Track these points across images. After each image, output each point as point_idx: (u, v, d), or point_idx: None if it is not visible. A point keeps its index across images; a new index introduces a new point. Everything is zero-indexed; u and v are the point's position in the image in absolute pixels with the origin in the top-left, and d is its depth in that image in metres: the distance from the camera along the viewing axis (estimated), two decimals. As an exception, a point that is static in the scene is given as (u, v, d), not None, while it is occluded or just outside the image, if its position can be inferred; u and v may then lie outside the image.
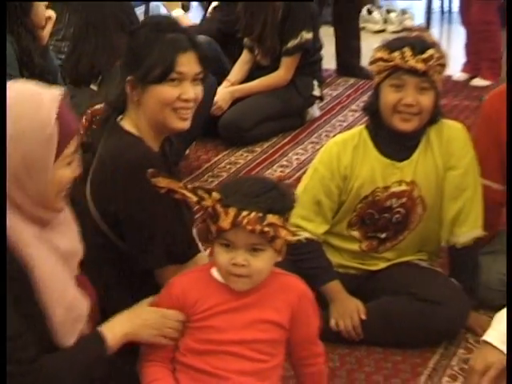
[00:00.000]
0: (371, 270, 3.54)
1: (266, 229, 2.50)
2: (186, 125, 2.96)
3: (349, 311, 3.40)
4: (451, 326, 3.42)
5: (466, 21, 6.17)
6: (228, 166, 4.97)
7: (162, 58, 2.83)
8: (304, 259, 3.41)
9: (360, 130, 3.48)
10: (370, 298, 3.44)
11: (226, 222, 2.49)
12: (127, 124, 2.92)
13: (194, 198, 2.62)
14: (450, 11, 7.76)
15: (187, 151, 4.91)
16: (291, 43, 5.21)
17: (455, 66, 6.26)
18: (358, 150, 3.42)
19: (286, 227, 2.57)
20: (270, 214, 2.51)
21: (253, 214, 2.48)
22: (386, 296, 3.44)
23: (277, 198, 2.56)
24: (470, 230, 3.50)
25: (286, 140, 5.26)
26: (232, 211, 2.49)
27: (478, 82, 5.98)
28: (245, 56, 5.44)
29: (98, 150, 2.96)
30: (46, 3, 4.63)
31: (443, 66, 3.36)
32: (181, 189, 2.70)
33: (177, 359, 2.64)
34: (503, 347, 2.86)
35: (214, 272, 2.61)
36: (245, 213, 2.49)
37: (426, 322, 3.33)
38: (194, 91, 2.90)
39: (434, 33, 7.23)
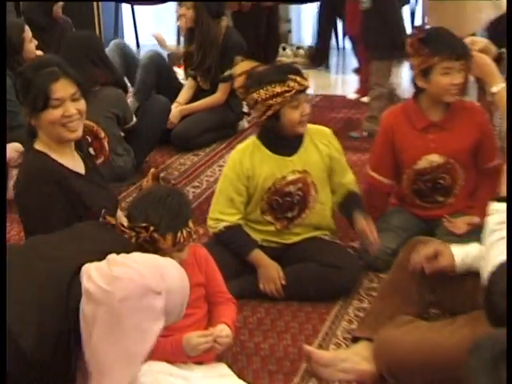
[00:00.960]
0: (287, 243, 3.56)
1: (194, 236, 2.65)
2: (77, 135, 2.96)
3: (272, 277, 3.43)
4: (348, 283, 3.50)
5: (357, 56, 6.21)
6: (179, 167, 5.00)
7: (40, 91, 2.84)
8: (228, 242, 3.47)
9: (252, 140, 3.52)
10: (287, 265, 3.48)
11: (166, 245, 2.55)
12: (38, 144, 2.95)
13: (133, 234, 2.56)
14: (344, 48, 7.71)
15: (148, 157, 5.01)
16: (226, 73, 5.28)
17: (350, 89, 6.47)
18: (254, 154, 3.46)
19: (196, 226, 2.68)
20: (190, 221, 2.63)
21: (184, 232, 2.59)
22: (299, 263, 3.49)
23: (186, 205, 2.67)
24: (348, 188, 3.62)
25: (222, 146, 5.32)
26: (169, 236, 2.56)
27: (367, 99, 5.80)
28: (189, 83, 5.49)
29: None
30: (35, 43, 4.69)
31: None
32: (120, 227, 2.61)
33: None
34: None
35: None
36: (179, 234, 2.57)
37: (329, 281, 3.43)
38: (74, 107, 2.90)
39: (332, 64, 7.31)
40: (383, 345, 2.86)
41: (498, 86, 3.28)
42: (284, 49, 7.68)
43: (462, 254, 2.96)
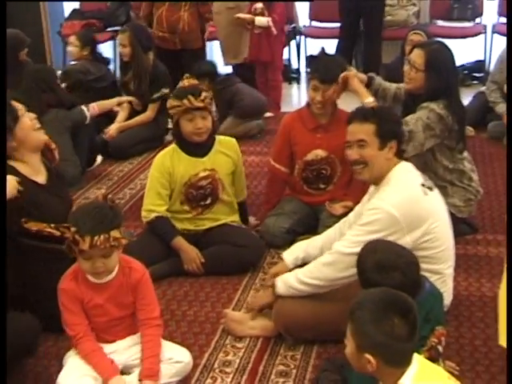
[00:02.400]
0: (203, 229, 3.55)
1: (113, 243, 2.44)
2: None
3: (192, 258, 3.43)
4: (254, 259, 3.52)
5: (258, 81, 6.03)
6: (118, 173, 4.89)
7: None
8: (157, 229, 3.46)
9: (173, 146, 3.52)
10: (205, 248, 3.47)
11: (84, 246, 2.41)
12: (11, 160, 2.91)
13: (58, 233, 2.54)
14: None
15: (92, 167, 4.93)
16: (155, 95, 5.19)
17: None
18: (173, 156, 3.47)
19: (123, 237, 2.49)
20: (112, 231, 2.44)
21: (102, 237, 2.41)
22: (214, 246, 3.48)
23: (113, 218, 2.48)
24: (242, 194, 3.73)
25: (152, 155, 5.09)
26: (87, 238, 2.40)
27: (267, 114, 5.78)
28: (125, 106, 5.33)
29: None
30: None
31: (211, 99, 3.47)
32: (46, 228, 2.57)
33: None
34: (289, 260, 3.07)
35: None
36: (96, 237, 2.40)
37: (240, 258, 3.45)
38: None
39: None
40: (280, 308, 2.88)
41: (369, 100, 3.40)
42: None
43: (292, 259, 3.09)
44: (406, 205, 2.66)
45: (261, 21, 5.69)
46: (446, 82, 3.37)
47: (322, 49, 5.69)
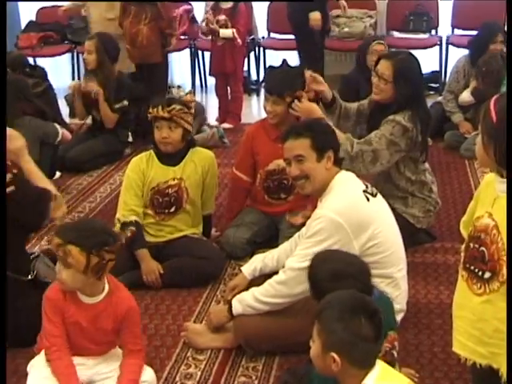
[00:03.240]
0: (163, 241, 3.55)
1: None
2: None
3: (152, 270, 3.42)
4: (215, 271, 3.52)
5: (218, 94, 6.14)
6: (77, 186, 4.85)
7: None
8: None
9: (149, 152, 3.58)
10: (166, 260, 3.47)
11: (73, 260, 2.39)
12: None
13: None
14: (206, 85, 7.40)
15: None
16: (116, 105, 5.17)
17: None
18: (148, 161, 3.53)
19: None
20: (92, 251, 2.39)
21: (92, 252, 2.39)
22: (175, 258, 3.49)
23: (97, 237, 2.42)
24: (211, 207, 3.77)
25: (111, 168, 5.18)
26: (72, 247, 2.38)
27: (227, 125, 5.89)
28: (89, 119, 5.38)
29: None
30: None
31: (186, 113, 3.47)
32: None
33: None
34: (247, 272, 3.09)
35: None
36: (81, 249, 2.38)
37: (200, 270, 3.44)
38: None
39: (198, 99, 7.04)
40: (240, 322, 2.89)
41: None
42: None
43: (250, 270, 3.11)
44: (348, 210, 2.71)
45: (225, 33, 5.73)
46: (415, 91, 3.44)
47: (284, 61, 5.73)
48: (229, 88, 6.08)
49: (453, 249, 3.75)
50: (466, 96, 5.20)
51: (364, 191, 2.80)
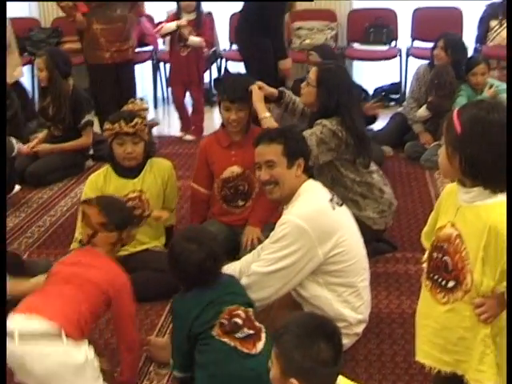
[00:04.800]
0: (129, 254, 3.48)
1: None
2: None
3: None
4: (176, 284, 3.37)
5: (178, 104, 6.09)
6: (37, 200, 4.80)
7: None
8: None
9: (106, 166, 3.58)
10: (131, 272, 3.32)
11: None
12: None
13: None
14: (168, 96, 7.25)
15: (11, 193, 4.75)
16: (83, 121, 5.14)
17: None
18: (106, 177, 3.54)
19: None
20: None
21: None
22: (137, 271, 3.38)
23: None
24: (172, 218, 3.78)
25: (72, 181, 5.13)
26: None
27: (189, 137, 5.94)
28: (45, 132, 5.34)
29: None
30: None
31: (145, 125, 3.49)
32: None
33: None
34: None
35: None
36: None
37: (162, 283, 3.36)
38: None
39: (159, 112, 7.04)
40: None
41: (265, 115, 3.53)
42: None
43: None
44: (314, 217, 2.74)
45: (195, 40, 5.73)
46: (337, 99, 3.47)
47: (226, 70, 5.74)
48: (191, 100, 6.10)
49: (414, 258, 3.77)
50: (422, 111, 5.25)
51: (330, 200, 2.85)
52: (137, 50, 6.23)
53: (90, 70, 5.70)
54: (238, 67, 6.62)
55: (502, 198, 2.04)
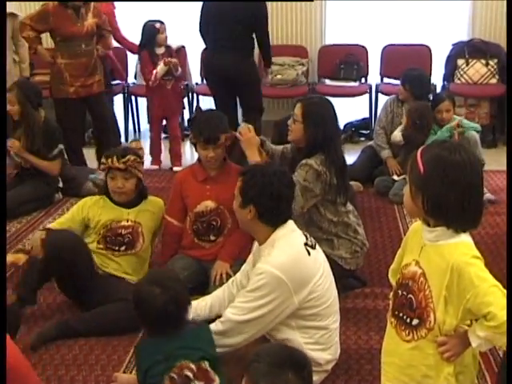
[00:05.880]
0: (106, 275, 3.55)
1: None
2: None
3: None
4: None
5: (156, 138, 6.13)
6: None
7: None
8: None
9: (100, 196, 3.73)
10: (101, 298, 3.42)
11: None
12: None
13: None
14: (139, 130, 7.35)
15: None
16: (55, 151, 5.14)
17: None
18: (99, 202, 3.69)
19: None
20: None
21: None
22: (110, 298, 3.42)
23: None
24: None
25: (41, 214, 5.11)
26: None
27: (178, 168, 5.81)
28: (14, 162, 5.26)
29: None
30: None
31: (139, 162, 3.64)
32: None
33: None
34: None
35: None
36: None
37: (131, 316, 3.20)
38: None
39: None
40: None
41: (256, 160, 3.58)
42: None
43: None
44: (291, 266, 2.75)
45: (179, 70, 5.89)
46: (324, 133, 3.50)
47: (198, 108, 5.80)
48: (169, 130, 6.18)
49: (382, 294, 3.79)
50: (397, 135, 5.34)
51: (305, 244, 2.85)
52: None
53: (55, 104, 5.75)
54: (208, 101, 6.69)
55: (464, 237, 2.08)
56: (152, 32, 5.85)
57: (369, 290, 3.88)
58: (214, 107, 5.84)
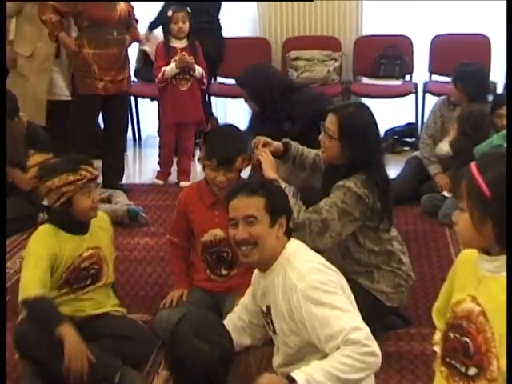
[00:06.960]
0: (85, 318, 3.51)
1: None
2: None
3: (78, 350, 3.23)
4: (142, 353, 3.55)
5: (169, 148, 6.16)
6: None
7: None
8: (38, 314, 3.33)
9: (45, 227, 3.51)
10: (90, 336, 3.39)
11: None
12: None
13: None
14: (140, 137, 7.44)
15: None
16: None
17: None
18: (57, 237, 3.46)
19: None
20: None
21: None
22: (101, 338, 3.46)
23: None
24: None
25: (23, 237, 5.13)
26: None
27: (184, 183, 5.85)
28: None
29: None
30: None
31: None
32: None
33: None
34: None
35: None
36: None
37: (125, 352, 3.41)
38: None
39: (129, 156, 7.01)
40: None
41: (274, 176, 3.50)
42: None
43: None
44: (320, 270, 2.76)
45: (199, 70, 5.86)
46: (365, 150, 3.44)
47: (214, 120, 5.78)
48: (179, 141, 6.15)
49: (431, 335, 3.69)
50: (443, 148, 5.32)
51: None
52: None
53: (77, 101, 5.74)
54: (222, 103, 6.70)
55: (532, 266, 2.04)
56: (167, 19, 5.84)
57: (415, 331, 3.83)
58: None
